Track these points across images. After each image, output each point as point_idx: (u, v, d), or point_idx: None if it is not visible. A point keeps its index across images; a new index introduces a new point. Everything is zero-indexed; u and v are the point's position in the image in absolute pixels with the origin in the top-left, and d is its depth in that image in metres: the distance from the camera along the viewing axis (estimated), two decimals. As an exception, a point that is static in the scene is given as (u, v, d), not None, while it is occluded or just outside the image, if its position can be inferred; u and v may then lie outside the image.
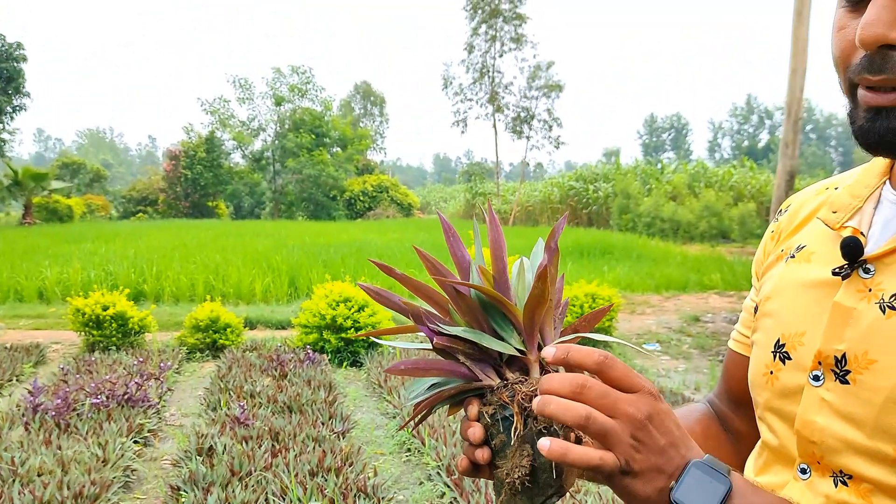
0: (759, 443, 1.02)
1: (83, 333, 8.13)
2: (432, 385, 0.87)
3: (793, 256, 0.98)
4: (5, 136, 34.21)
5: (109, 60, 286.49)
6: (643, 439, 0.73)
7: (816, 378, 0.86)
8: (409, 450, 5.12)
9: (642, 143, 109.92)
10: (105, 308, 8.10)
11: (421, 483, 4.52)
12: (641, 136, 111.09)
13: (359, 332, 6.29)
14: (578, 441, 0.79)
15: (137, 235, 21.89)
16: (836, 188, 0.99)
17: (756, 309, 1.04)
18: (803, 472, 0.88)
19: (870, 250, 0.86)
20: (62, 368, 6.79)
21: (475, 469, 0.86)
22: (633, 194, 29.18)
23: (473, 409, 0.84)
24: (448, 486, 4.26)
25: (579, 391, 0.73)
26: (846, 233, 0.89)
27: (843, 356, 0.83)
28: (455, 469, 4.33)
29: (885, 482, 0.79)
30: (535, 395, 0.78)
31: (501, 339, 0.84)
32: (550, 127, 40.83)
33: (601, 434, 0.73)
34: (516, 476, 0.78)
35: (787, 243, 1.02)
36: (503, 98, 40.88)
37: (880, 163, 0.93)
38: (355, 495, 3.97)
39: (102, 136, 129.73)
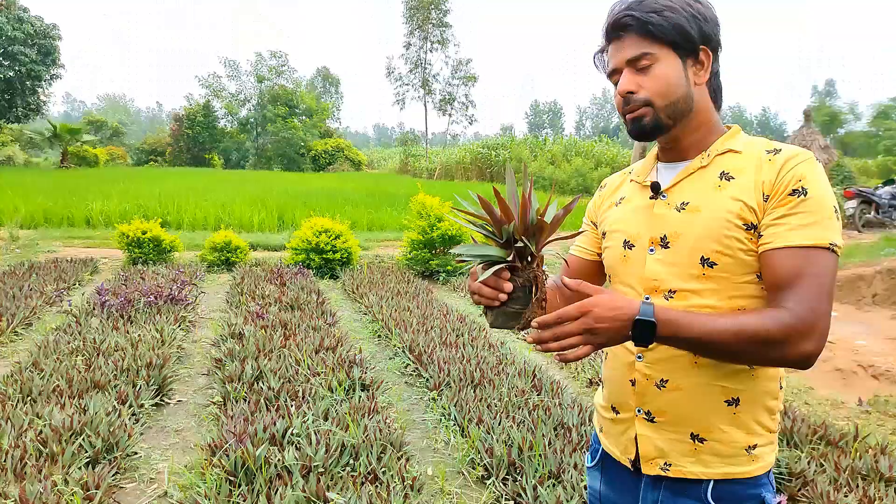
0: None
1: (126, 251, 7.96)
2: (473, 253, 1.09)
3: (619, 203, 1.28)
4: (43, 98, 31.83)
5: (124, 42, 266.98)
6: (597, 330, 1.01)
7: (651, 251, 1.17)
8: (379, 336, 5.28)
9: (528, 121, 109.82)
10: (144, 232, 7.92)
11: (391, 358, 4.72)
12: (528, 117, 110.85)
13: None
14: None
15: (153, 179, 20.95)
16: (630, 171, 1.32)
17: (604, 235, 1.30)
18: (647, 300, 1.15)
19: (663, 186, 1.19)
20: (120, 275, 6.67)
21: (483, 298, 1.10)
22: (524, 159, 29.44)
23: (506, 273, 1.08)
24: (410, 361, 4.47)
25: (580, 326, 1.01)
26: (647, 183, 1.22)
27: (664, 236, 1.15)
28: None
29: (692, 287, 1.12)
30: (538, 275, 1.07)
31: (514, 241, 1.06)
32: (467, 107, 40.74)
33: (579, 343, 1.01)
34: (518, 310, 1.09)
35: (611, 199, 1.31)
36: (432, 84, 40.33)
37: (654, 151, 1.28)
38: (348, 365, 4.15)
39: (118, 101, 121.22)
